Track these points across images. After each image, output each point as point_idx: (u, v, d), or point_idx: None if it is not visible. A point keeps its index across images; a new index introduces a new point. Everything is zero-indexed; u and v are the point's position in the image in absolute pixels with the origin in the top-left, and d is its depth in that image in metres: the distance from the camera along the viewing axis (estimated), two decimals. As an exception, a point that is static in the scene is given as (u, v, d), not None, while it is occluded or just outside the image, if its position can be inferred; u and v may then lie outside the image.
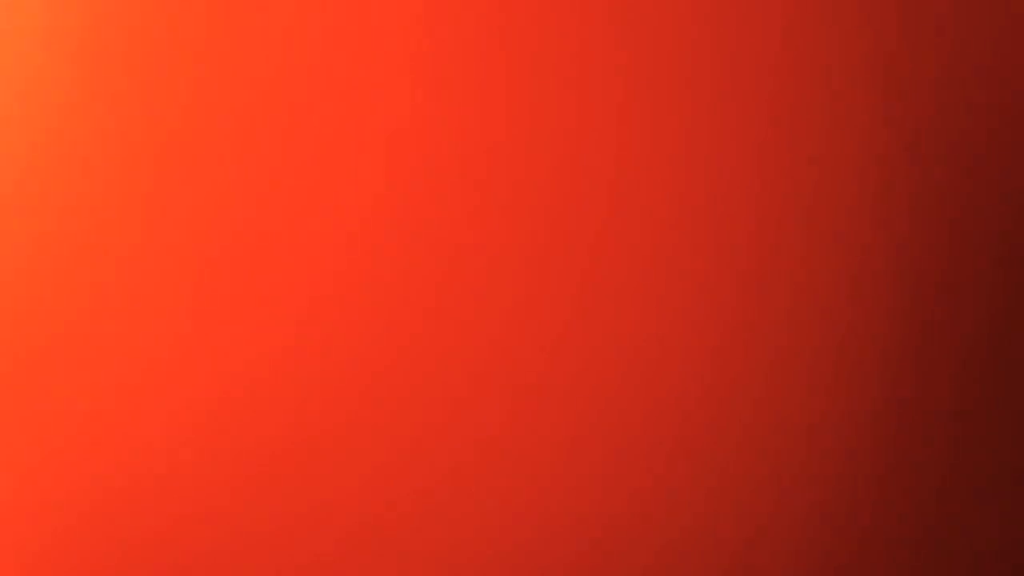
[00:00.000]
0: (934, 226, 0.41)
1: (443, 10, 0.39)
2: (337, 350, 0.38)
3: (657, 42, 0.39)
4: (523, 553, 0.39)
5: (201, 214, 0.38)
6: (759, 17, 0.40)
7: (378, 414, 0.39)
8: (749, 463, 0.40)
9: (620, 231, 0.39)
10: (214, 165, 0.38)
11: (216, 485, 0.38)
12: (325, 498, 0.38)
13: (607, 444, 0.39)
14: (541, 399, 0.39)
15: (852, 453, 0.40)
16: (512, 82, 0.39)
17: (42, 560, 0.38)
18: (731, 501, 0.40)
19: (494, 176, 0.39)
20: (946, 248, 0.41)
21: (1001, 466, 0.41)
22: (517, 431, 0.39)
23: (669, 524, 0.39)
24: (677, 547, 0.39)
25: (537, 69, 0.39)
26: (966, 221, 0.41)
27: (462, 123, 0.39)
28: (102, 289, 0.38)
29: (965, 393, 0.41)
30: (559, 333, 0.39)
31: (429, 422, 0.39)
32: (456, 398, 0.39)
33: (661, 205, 0.39)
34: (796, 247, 0.40)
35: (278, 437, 0.38)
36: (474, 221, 0.39)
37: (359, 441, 0.38)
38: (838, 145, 0.40)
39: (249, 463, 0.38)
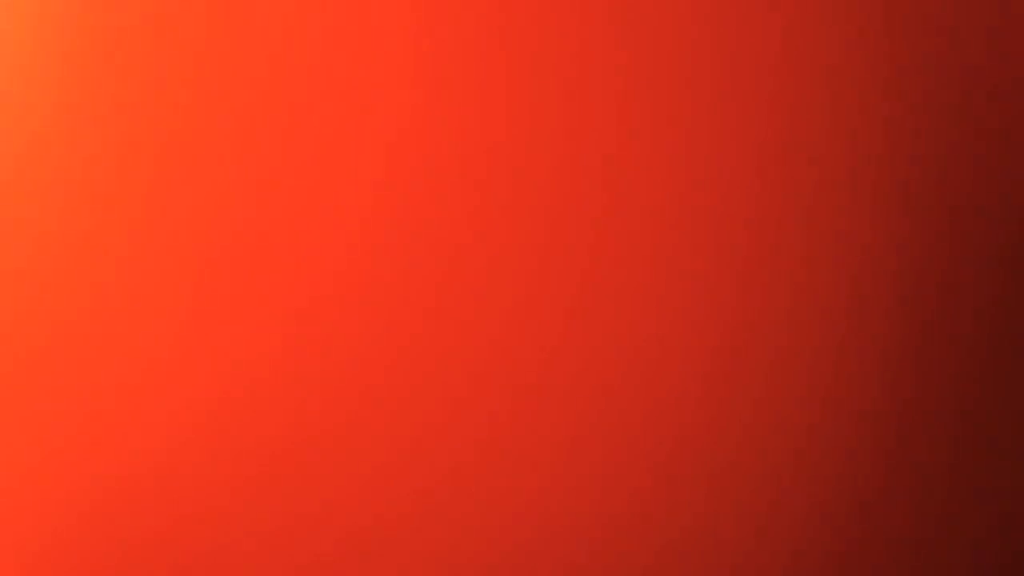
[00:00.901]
0: (934, 226, 0.41)
1: (443, 10, 0.39)
2: (337, 350, 0.38)
3: (657, 42, 0.39)
4: (523, 553, 0.39)
5: (201, 214, 0.38)
6: (759, 17, 0.40)
7: (378, 414, 0.39)
8: (749, 463, 0.40)
9: (620, 231, 0.39)
10: (214, 164, 0.38)
11: (216, 485, 0.38)
12: (325, 498, 0.38)
13: (607, 444, 0.39)
14: (541, 399, 0.39)
15: (852, 453, 0.40)
16: (512, 82, 0.39)
17: (42, 560, 0.38)
18: (731, 501, 0.40)
19: (494, 176, 0.39)
20: (946, 248, 0.41)
21: (1001, 466, 0.41)
22: (517, 431, 0.39)
23: (669, 524, 0.39)
24: (677, 547, 0.39)
25: (537, 69, 0.39)
26: (966, 221, 0.41)
27: (462, 123, 0.39)
28: (102, 289, 0.38)
29: (965, 393, 0.41)
30: (559, 333, 0.39)
31: (429, 422, 0.39)
32: (456, 398, 0.39)
33: (661, 205, 0.39)
34: (796, 247, 0.40)
35: (278, 437, 0.38)
36: (474, 221, 0.39)
37: (359, 441, 0.39)
38: (838, 145, 0.40)
39: (249, 463, 0.38)
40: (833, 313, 0.40)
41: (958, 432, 0.41)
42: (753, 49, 0.40)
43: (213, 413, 0.38)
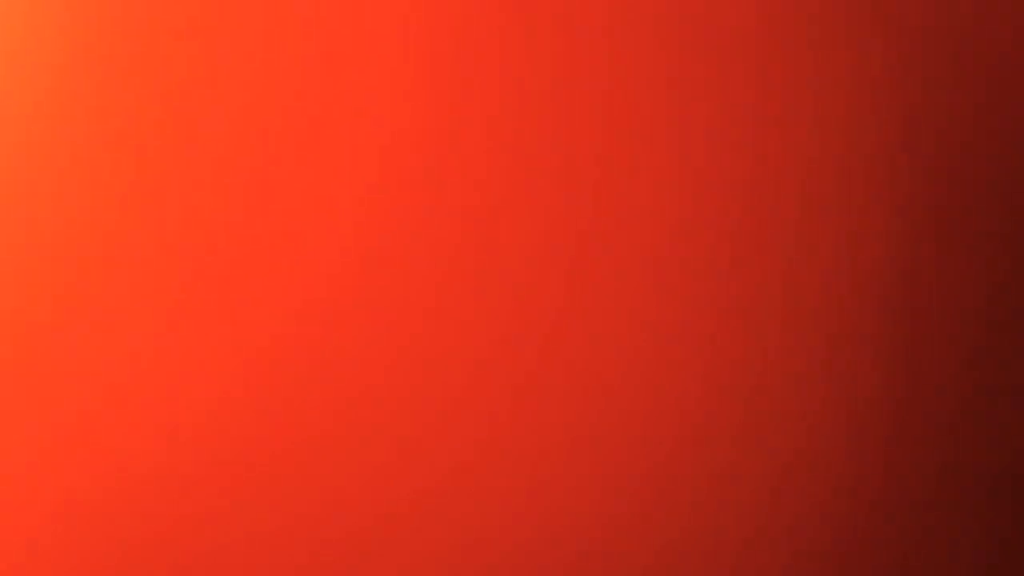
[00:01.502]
0: (934, 226, 0.41)
1: (441, 10, 0.39)
2: (336, 350, 0.38)
3: (656, 42, 0.39)
4: (523, 553, 0.39)
5: (202, 214, 0.38)
6: (758, 17, 0.40)
7: (378, 414, 0.39)
8: (749, 463, 0.40)
9: (619, 231, 0.39)
10: (214, 164, 0.38)
11: (216, 485, 0.38)
12: (325, 498, 0.38)
13: (607, 444, 0.39)
14: (541, 399, 0.39)
15: (851, 453, 0.40)
16: (511, 82, 0.39)
17: (42, 560, 0.38)
18: (731, 501, 0.40)
19: (491, 176, 0.39)
20: (945, 248, 0.41)
21: (1001, 466, 0.41)
22: (517, 431, 0.39)
23: (669, 524, 0.39)
24: (677, 547, 0.39)
25: (535, 69, 0.39)
26: (965, 220, 0.41)
27: (459, 123, 0.39)
28: (103, 290, 0.38)
29: (965, 393, 0.41)
30: (558, 333, 0.39)
31: (429, 422, 0.39)
32: (456, 398, 0.39)
33: (660, 206, 0.39)
34: (795, 247, 0.40)
35: (278, 437, 0.38)
36: (472, 221, 0.39)
37: (359, 441, 0.38)
38: (838, 145, 0.40)
39: (249, 463, 0.38)
40: (832, 313, 0.40)
41: (958, 432, 0.41)
42: (751, 49, 0.40)
43: (212, 413, 0.38)
